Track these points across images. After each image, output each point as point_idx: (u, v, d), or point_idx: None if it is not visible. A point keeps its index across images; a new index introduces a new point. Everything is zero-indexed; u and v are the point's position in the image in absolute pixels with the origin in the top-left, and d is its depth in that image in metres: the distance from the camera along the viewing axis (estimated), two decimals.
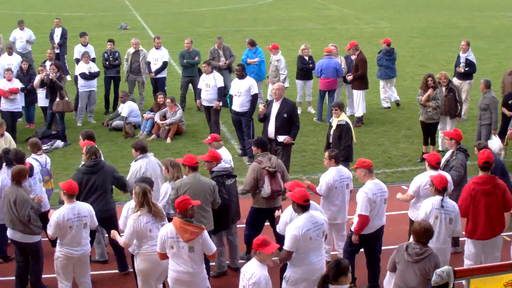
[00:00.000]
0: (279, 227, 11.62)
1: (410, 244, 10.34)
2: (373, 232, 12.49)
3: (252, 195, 13.53)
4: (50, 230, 11.57)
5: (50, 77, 20.68)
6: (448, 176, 12.72)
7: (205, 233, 10.78)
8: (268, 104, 17.24)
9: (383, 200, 12.47)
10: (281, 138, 16.90)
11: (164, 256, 10.85)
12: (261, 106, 17.41)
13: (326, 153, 13.59)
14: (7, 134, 16.66)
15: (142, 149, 13.83)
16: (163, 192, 12.89)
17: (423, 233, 10.20)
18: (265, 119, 17.14)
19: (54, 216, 11.51)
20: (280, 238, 11.37)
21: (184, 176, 12.73)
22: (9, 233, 12.52)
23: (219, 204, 12.59)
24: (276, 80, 22.93)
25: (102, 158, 13.67)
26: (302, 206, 10.75)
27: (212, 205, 12.48)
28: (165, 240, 10.68)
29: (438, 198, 11.64)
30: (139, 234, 11.17)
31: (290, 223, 10.81)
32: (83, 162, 13.46)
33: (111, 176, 13.21)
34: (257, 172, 13.26)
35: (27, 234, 12.29)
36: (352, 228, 12.42)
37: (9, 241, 13.22)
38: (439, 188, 11.67)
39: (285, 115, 16.88)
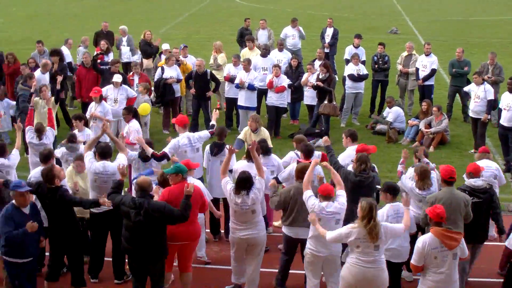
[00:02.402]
0: None
1: None
2: None
3: None
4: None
5: (315, 83, 20.91)
6: None
7: (462, 237, 10.75)
8: None
9: None
10: None
11: (419, 269, 10.76)
12: None
13: None
14: (263, 130, 16.59)
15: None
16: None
17: None
18: None
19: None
20: None
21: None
22: (290, 230, 12.58)
23: (471, 219, 12.23)
24: None
25: None
26: None
27: (464, 219, 12.18)
28: (427, 253, 10.55)
29: None
30: (354, 249, 11.01)
31: None
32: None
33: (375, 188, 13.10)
34: None
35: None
36: None
37: None
38: None
39: None
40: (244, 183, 12.15)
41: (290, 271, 13.06)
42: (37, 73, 21.15)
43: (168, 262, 12.13)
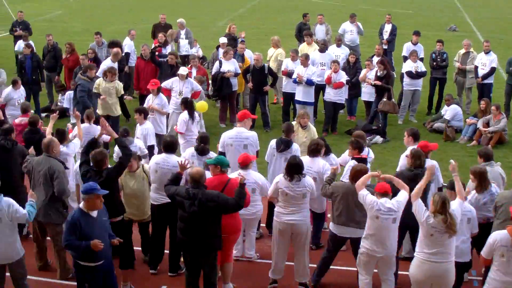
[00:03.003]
0: None
1: None
2: None
3: None
4: None
5: (373, 82, 20.87)
6: None
7: None
8: None
9: None
10: None
11: (487, 262, 10.74)
12: None
13: None
14: (311, 126, 16.41)
15: (486, 157, 13.47)
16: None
17: None
18: None
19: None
20: None
21: None
22: (336, 228, 12.48)
23: None
24: None
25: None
26: None
27: None
28: (496, 248, 10.50)
29: None
30: (428, 236, 10.93)
31: None
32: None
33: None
34: None
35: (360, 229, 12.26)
36: None
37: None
38: None
39: None
40: (294, 168, 12.22)
41: (343, 268, 13.13)
42: (107, 61, 21.53)
43: None
